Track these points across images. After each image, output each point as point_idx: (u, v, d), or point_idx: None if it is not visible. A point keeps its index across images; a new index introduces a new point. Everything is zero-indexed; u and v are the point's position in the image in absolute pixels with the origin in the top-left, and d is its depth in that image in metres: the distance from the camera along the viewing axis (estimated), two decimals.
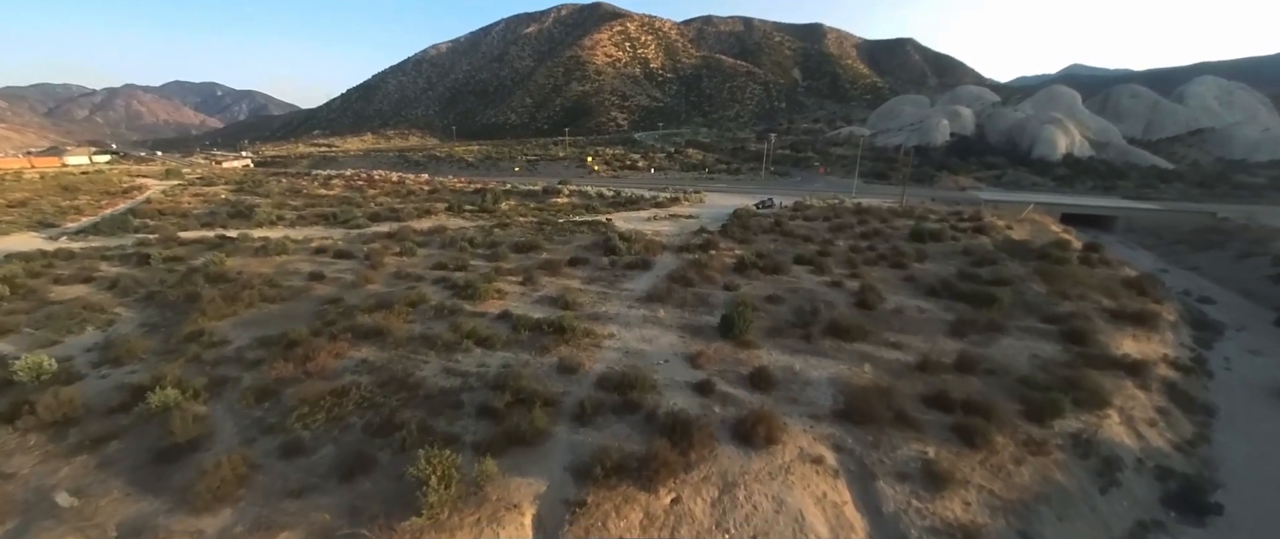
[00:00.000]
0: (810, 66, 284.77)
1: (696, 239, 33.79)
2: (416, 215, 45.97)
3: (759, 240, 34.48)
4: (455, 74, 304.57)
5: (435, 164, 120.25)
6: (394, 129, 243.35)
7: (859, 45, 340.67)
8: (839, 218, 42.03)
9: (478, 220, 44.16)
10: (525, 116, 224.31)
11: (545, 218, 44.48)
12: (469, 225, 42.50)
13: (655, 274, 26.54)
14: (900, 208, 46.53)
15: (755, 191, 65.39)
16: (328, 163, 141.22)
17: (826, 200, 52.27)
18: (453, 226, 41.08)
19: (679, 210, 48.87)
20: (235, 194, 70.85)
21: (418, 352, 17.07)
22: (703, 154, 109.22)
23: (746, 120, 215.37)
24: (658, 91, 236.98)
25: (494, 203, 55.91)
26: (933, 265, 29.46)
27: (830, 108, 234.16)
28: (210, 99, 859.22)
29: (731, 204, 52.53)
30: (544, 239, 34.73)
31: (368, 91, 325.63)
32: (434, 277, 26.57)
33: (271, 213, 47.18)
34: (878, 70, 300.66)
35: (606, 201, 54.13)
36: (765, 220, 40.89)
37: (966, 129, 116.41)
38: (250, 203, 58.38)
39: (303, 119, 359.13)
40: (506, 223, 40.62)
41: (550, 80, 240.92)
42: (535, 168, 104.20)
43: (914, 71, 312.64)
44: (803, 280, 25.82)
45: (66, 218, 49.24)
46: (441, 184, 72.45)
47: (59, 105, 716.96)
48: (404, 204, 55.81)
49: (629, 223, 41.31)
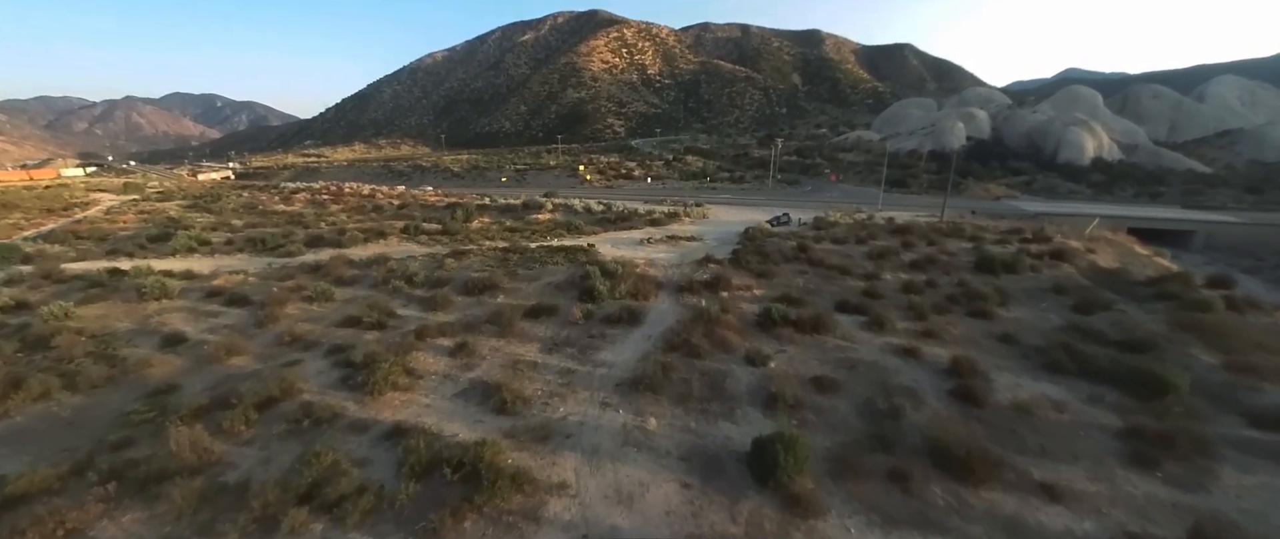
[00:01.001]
0: (810, 72, 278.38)
1: (702, 273, 25.95)
2: (364, 239, 38.17)
3: (782, 272, 26.60)
4: (450, 83, 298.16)
5: (419, 175, 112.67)
6: (386, 138, 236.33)
7: (857, 51, 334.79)
8: (874, 238, 34.19)
9: (435, 245, 36.38)
10: (520, 124, 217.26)
11: (518, 241, 36.70)
12: (422, 252, 34.73)
13: (646, 333, 18.70)
14: (943, 224, 38.66)
15: (764, 203, 57.64)
16: (310, 174, 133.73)
17: (851, 215, 44.44)
18: (400, 254, 33.32)
19: (679, 229, 41.05)
20: (184, 211, 63.32)
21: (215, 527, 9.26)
22: (703, 161, 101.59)
23: (746, 126, 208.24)
24: (655, 98, 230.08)
25: (464, 220, 48.20)
26: (1024, 312, 21.61)
27: (832, 113, 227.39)
28: (210, 110, 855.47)
29: (740, 220, 44.78)
30: (506, 274, 26.92)
31: (362, 101, 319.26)
32: (334, 341, 18.71)
33: (192, 239, 39.32)
34: (877, 75, 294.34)
35: (595, 218, 46.33)
36: (785, 242, 33.04)
37: (982, 132, 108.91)
38: (187, 223, 50.58)
39: (297, 129, 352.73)
40: (466, 250, 32.76)
41: (545, 87, 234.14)
42: (523, 178, 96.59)
43: (913, 76, 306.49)
44: (857, 342, 17.91)
45: None
46: (414, 198, 64.82)
47: (59, 117, 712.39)
48: (360, 223, 48.15)
49: (618, 247, 33.47)
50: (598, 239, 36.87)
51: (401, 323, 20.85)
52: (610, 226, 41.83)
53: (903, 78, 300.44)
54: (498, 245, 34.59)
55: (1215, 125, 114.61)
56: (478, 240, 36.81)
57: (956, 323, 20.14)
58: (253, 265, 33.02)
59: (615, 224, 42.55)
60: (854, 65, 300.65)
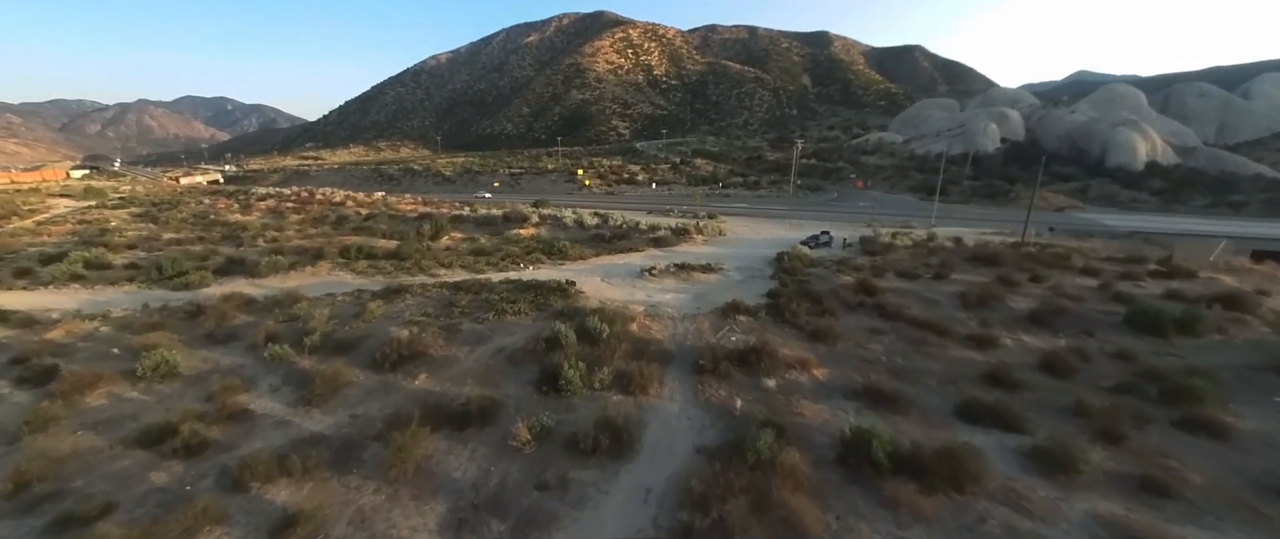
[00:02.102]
0: (820, 73, 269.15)
1: (728, 334, 17.44)
2: (289, 266, 29.92)
3: (848, 331, 18.01)
4: (454, 84, 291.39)
5: (409, 179, 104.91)
6: (386, 141, 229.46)
7: (867, 52, 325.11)
8: (951, 268, 25.51)
9: (376, 274, 28.10)
10: (522, 126, 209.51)
11: (484, 268, 28.34)
12: (356, 284, 26.49)
13: (641, 482, 10.38)
14: (1030, 246, 29.90)
15: (789, 215, 49.04)
16: (299, 177, 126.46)
17: (906, 233, 35.76)
18: (322, 288, 25.09)
19: (691, 251, 32.57)
20: (128, 221, 55.52)
21: None
22: (713, 165, 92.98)
23: (756, 128, 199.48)
24: (662, 99, 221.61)
25: (432, 236, 40.00)
26: (1260, 415, 13.00)
27: (844, 114, 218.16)
28: (221, 113, 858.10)
29: (766, 238, 36.30)
30: (444, 330, 18.58)
31: (366, 103, 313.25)
32: (95, 487, 10.46)
33: (82, 262, 31.35)
34: (887, 76, 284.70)
35: (587, 234, 37.96)
36: (835, 275, 24.49)
37: (1016, 134, 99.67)
38: (112, 238, 42.58)
39: (302, 132, 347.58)
40: (407, 287, 24.36)
41: (549, 88, 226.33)
42: (517, 183, 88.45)
43: (923, 78, 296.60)
44: (1036, 513, 9.35)
45: None
46: (387, 206, 56.79)
47: (72, 120, 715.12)
48: (306, 240, 40.12)
49: (611, 281, 25.02)
50: (587, 266, 28.48)
51: (243, 434, 12.62)
52: (605, 247, 33.40)
53: (913, 79, 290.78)
54: (452, 280, 26.21)
55: (1270, 126, 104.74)
56: (431, 268, 28.47)
57: (1172, 447, 11.53)
58: (129, 303, 25.06)
59: (611, 244, 34.11)
60: (864, 66, 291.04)
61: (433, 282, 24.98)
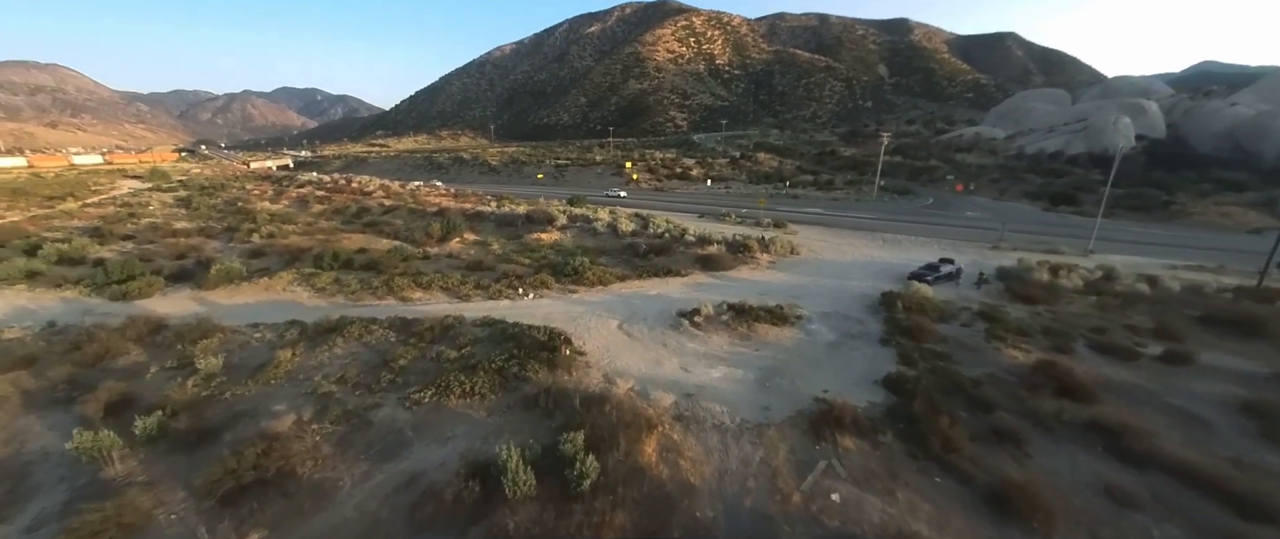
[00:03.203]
0: (898, 62, 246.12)
1: (824, 484, 8.86)
2: (250, 276, 23.96)
3: (1055, 480, 8.91)
4: (515, 75, 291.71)
5: (458, 168, 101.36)
6: (448, 130, 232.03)
7: (951, 41, 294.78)
8: (1174, 333, 15.39)
9: (338, 294, 21.55)
10: (578, 117, 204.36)
11: (468, 294, 21.04)
12: (305, 306, 20.03)
13: None
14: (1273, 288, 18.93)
15: (876, 224, 38.75)
16: (358, 164, 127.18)
17: (1060, 262, 25.24)
18: (245, 318, 18.61)
19: (753, 276, 23.86)
20: (167, 207, 53.53)
21: None
22: (778, 160, 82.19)
23: (825, 121, 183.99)
24: (723, 89, 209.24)
25: (442, 236, 33.54)
26: None
27: (926, 107, 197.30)
28: (311, 103, 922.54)
29: (855, 260, 26.89)
30: (333, 430, 11.17)
31: (433, 93, 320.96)
32: None
33: (36, 262, 27.11)
34: (975, 67, 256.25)
35: (619, 245, 29.97)
36: (985, 340, 15.15)
37: (1154, 130, 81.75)
38: (131, 220, 39.40)
39: (377, 120, 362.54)
40: (346, 324, 17.30)
41: (606, 79, 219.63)
42: (562, 175, 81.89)
43: (1016, 68, 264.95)
44: None
45: None
46: (413, 198, 51.50)
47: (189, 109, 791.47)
48: (310, 233, 34.95)
49: (632, 331, 16.83)
50: (606, 297, 20.47)
51: None
52: (637, 266, 25.23)
53: (1005, 69, 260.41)
54: (416, 309, 18.97)
55: None
56: (404, 288, 21.49)
57: None
58: (44, 316, 20.25)
59: (646, 262, 25.89)
60: (948, 55, 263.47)
61: (387, 317, 17.87)
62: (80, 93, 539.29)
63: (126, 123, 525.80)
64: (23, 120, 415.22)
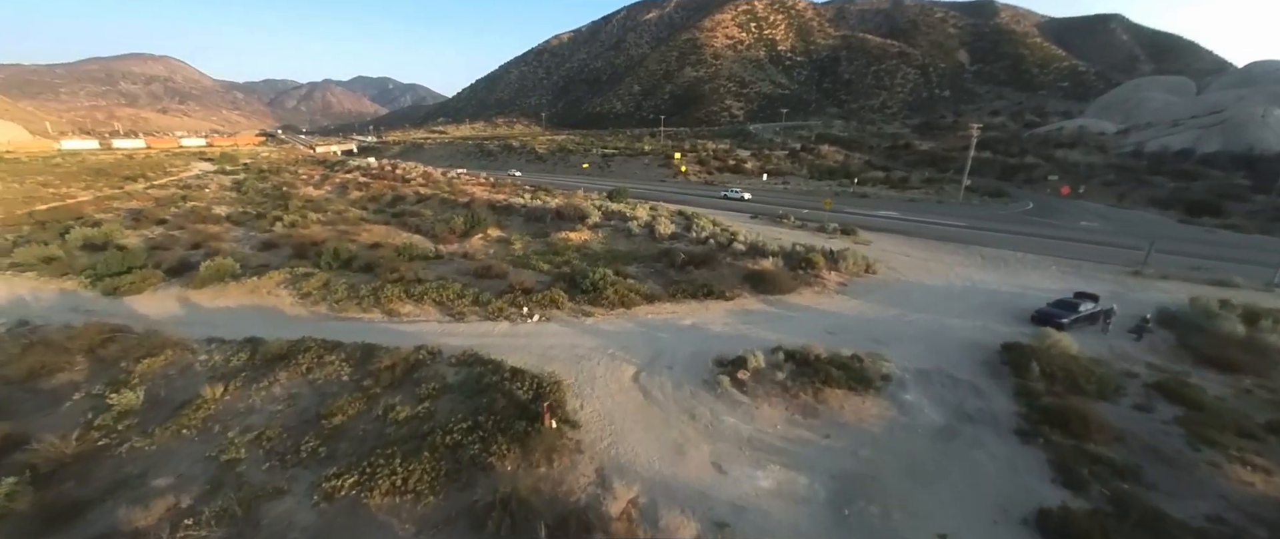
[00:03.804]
0: (982, 47, 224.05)
1: None
2: (234, 276, 21.47)
3: None
4: (572, 63, 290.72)
5: (506, 155, 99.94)
6: (504, 117, 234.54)
7: (1042, 23, 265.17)
8: None
9: (320, 304, 18.53)
10: (631, 105, 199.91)
11: (462, 312, 17.35)
12: (283, 315, 17.02)
13: None
14: None
15: (969, 232, 32.02)
16: (414, 150, 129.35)
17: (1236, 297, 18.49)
18: (207, 329, 15.68)
19: (819, 303, 18.83)
20: (222, 190, 54.26)
21: None
22: (844, 154, 74.31)
23: (895, 111, 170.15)
24: (784, 77, 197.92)
25: (465, 230, 30.45)
26: None
27: (1012, 97, 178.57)
28: (383, 91, 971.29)
29: (951, 285, 21.18)
30: (232, 516, 7.39)
31: (493, 81, 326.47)
32: None
33: (54, 248, 26.14)
34: (1072, 52, 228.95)
35: (655, 249, 25.51)
36: (1189, 446, 9.47)
37: None
38: (177, 202, 39.18)
39: (440, 108, 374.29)
40: (299, 352, 13.93)
41: (661, 66, 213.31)
42: (608, 165, 77.95)
43: (1119, 54, 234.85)
44: None
45: None
46: (451, 186, 49.19)
47: (277, 97, 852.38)
48: (334, 223, 32.93)
49: (650, 391, 12.32)
50: (627, 326, 16.16)
51: None
52: (672, 281, 20.69)
53: (1106, 55, 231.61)
54: (395, 330, 15.37)
55: None
56: (392, 299, 18.11)
57: None
58: (22, 312, 18.35)
59: (684, 276, 21.28)
60: (1039, 40, 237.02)
61: (352, 343, 14.42)
62: (186, 82, 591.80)
63: (224, 109, 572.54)
64: (140, 107, 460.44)
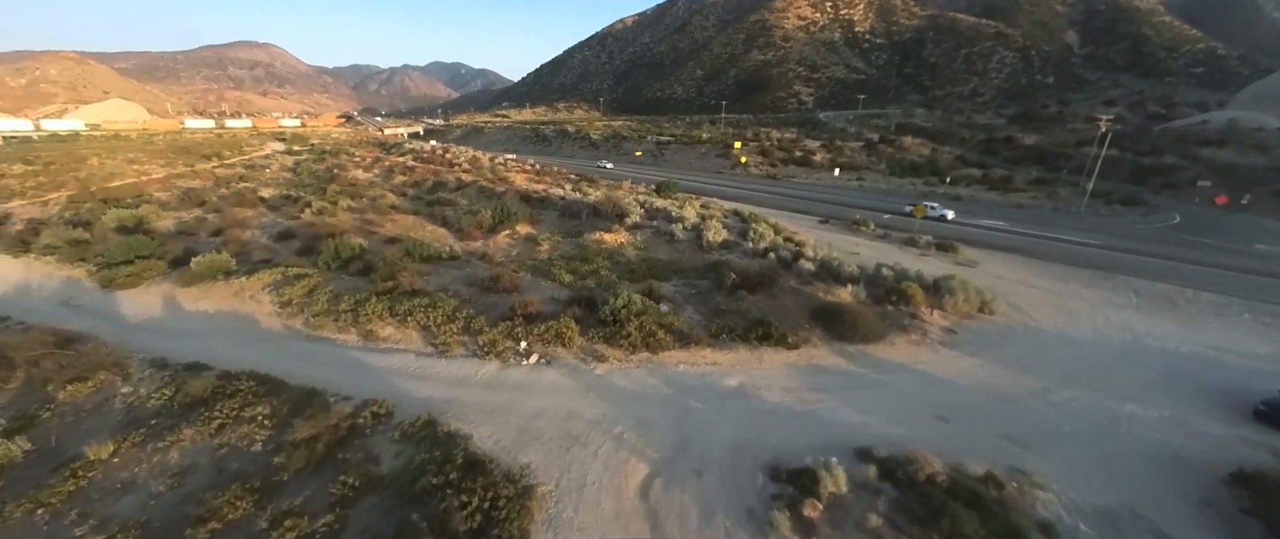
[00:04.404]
0: (1095, 26, 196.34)
1: None
2: (227, 274, 19.20)
3: None
4: (635, 47, 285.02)
5: (560, 140, 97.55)
6: (564, 102, 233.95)
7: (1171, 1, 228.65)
8: None
9: (296, 315, 15.67)
10: (692, 90, 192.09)
11: (448, 343, 13.78)
12: (266, 322, 14.18)
13: None
14: None
15: (1103, 251, 24.92)
16: (474, 134, 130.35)
17: None
18: (144, 344, 13.00)
19: (922, 361, 13.71)
20: (281, 171, 55.00)
21: None
22: (930, 147, 65.28)
23: (988, 99, 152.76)
24: (860, 61, 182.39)
25: (493, 225, 27.35)
26: None
27: (1131, 84, 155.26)
28: (456, 76, 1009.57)
29: (1106, 335, 15.23)
30: None
31: (556, 66, 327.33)
32: None
33: (75, 232, 25.40)
34: (1208, 32, 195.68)
35: (701, 262, 20.99)
36: None
37: None
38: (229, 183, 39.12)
39: (505, 92, 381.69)
40: (222, 395, 10.80)
41: (727, 49, 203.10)
42: (662, 154, 73.10)
43: (1269, 33, 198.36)
44: None
45: None
46: (494, 172, 46.58)
47: (360, 81, 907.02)
48: (364, 211, 30.80)
49: (669, 510, 8.06)
50: (644, 386, 11.94)
51: None
52: (718, 311, 16.18)
53: (1252, 35, 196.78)
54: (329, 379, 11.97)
55: None
56: (373, 319, 14.87)
57: None
58: (24, 302, 16.73)
59: (733, 303, 16.68)
60: (1167, 18, 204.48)
61: (297, 386, 11.22)
62: (284, 67, 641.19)
63: (315, 93, 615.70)
64: (245, 90, 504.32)
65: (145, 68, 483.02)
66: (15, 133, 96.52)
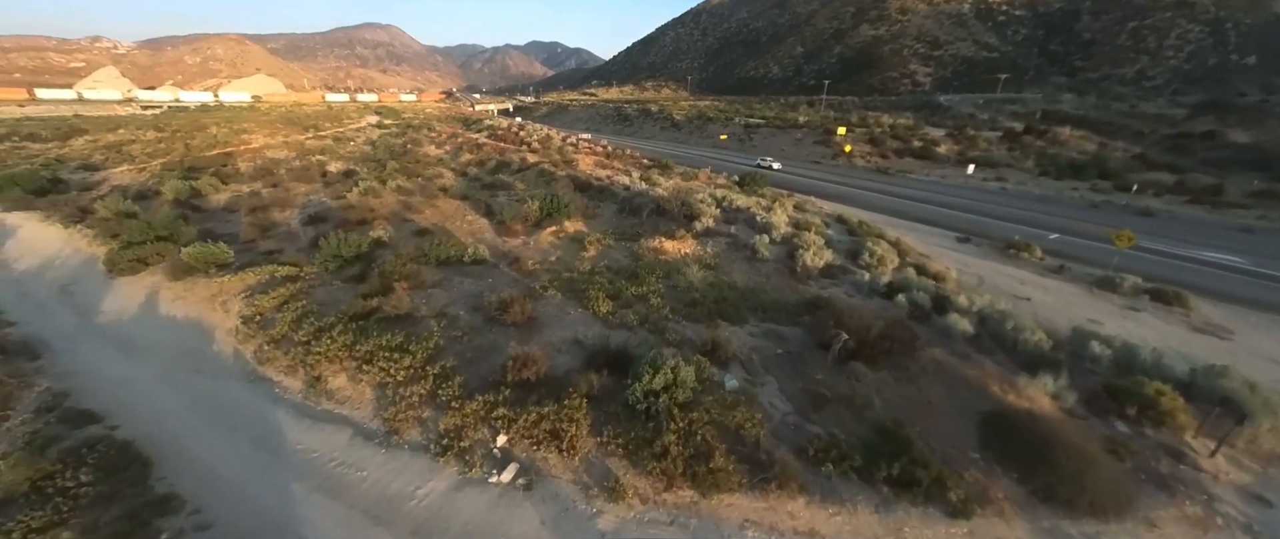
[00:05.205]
0: None
1: None
2: (232, 267, 16.33)
3: None
4: (730, 23, 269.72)
5: (641, 120, 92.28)
6: (651, 81, 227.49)
7: None
8: None
9: (263, 329, 11.87)
10: (789, 69, 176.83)
11: (408, 411, 9.20)
12: (223, 339, 10.62)
13: None
14: None
15: None
16: (558, 112, 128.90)
17: None
18: (117, 356, 9.78)
19: None
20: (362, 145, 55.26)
21: None
22: (1096, 141, 51.63)
23: (1161, 83, 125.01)
24: (992, 35, 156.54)
25: (540, 218, 23.11)
26: None
27: None
28: (552, 55, 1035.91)
29: None
30: None
31: (648, 44, 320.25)
32: None
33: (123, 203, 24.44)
34: None
35: (795, 297, 14.87)
36: None
37: None
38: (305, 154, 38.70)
39: (597, 70, 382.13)
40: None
41: (832, 24, 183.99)
42: (751, 138, 65.18)
43: None
44: None
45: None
46: (561, 153, 42.50)
47: (466, 60, 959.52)
48: (410, 194, 27.76)
49: None
50: None
51: None
52: (819, 400, 10.23)
53: None
54: None
55: None
56: (331, 352, 10.77)
57: None
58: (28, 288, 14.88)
59: (844, 378, 10.63)
60: None
61: (154, 495, 7.19)
62: (401, 46, 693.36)
63: (426, 71, 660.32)
64: (368, 67, 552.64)
65: (290, 47, 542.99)
66: (178, 103, 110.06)
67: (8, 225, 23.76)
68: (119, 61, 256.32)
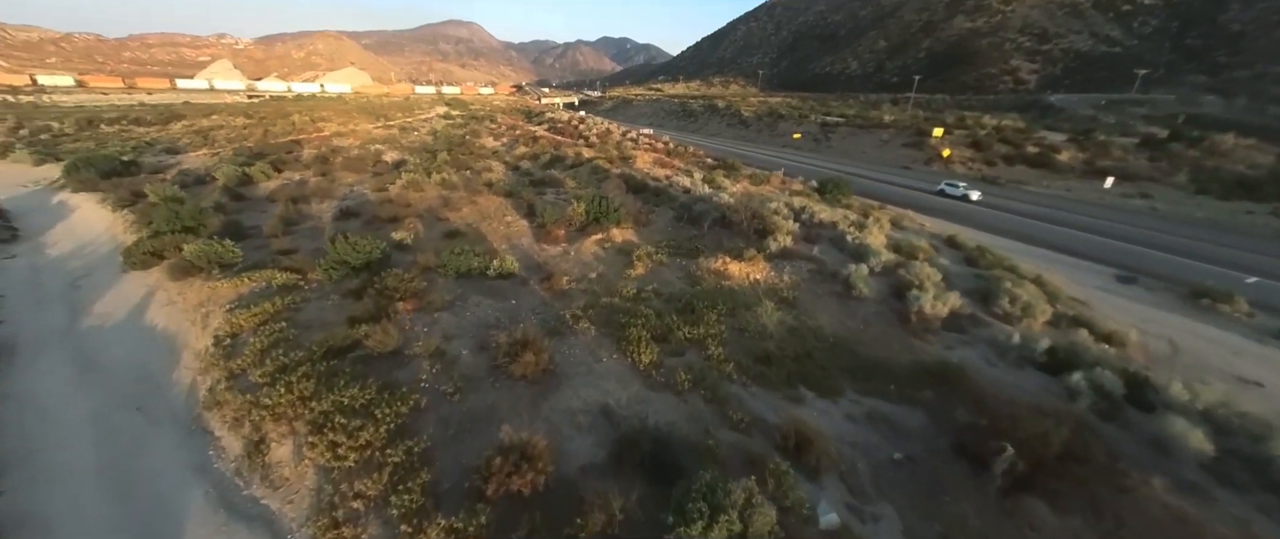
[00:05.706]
0: None
1: None
2: (236, 268, 14.40)
3: None
4: (806, 17, 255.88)
5: (707, 116, 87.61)
6: (720, 77, 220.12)
7: None
8: None
9: (237, 352, 9.46)
10: (870, 65, 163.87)
11: None
12: (190, 362, 8.41)
13: None
14: None
15: None
16: (622, 107, 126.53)
17: None
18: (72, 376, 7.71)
19: None
20: (423, 136, 55.20)
21: None
22: (1273, 154, 41.47)
23: None
24: (1115, 28, 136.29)
25: (585, 223, 20.11)
26: None
27: None
28: (622, 51, 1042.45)
29: None
30: None
31: (717, 39, 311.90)
32: None
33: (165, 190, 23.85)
34: None
35: (911, 358, 10.73)
36: None
37: None
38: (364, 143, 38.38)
39: (665, 66, 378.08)
40: None
41: (921, 16, 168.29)
42: (827, 138, 58.94)
43: None
44: None
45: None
46: (619, 149, 39.38)
47: (539, 56, 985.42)
48: (455, 188, 25.67)
49: None
50: None
51: None
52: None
53: None
54: None
55: None
56: (290, 400, 8.10)
57: None
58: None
59: (1013, 527, 6.60)
60: None
61: None
62: (479, 42, 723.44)
63: (501, 66, 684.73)
64: (448, 62, 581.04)
65: (380, 43, 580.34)
66: (289, 92, 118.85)
67: (69, 206, 24.02)
68: (237, 56, 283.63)
